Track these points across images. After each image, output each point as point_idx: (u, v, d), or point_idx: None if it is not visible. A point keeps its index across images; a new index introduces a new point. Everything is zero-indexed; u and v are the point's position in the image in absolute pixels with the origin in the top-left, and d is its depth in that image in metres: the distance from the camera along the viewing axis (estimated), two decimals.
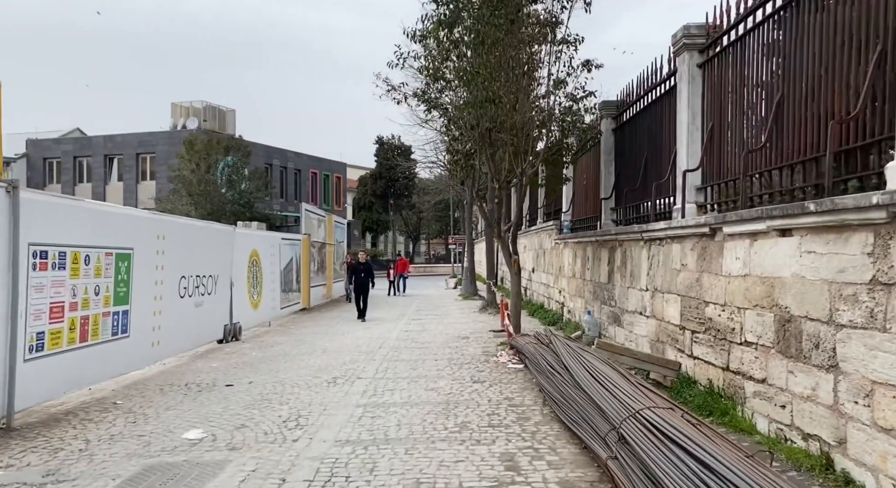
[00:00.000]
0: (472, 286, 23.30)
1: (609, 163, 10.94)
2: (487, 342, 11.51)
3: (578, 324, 11.99)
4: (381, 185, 58.67)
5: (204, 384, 7.98)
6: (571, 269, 12.94)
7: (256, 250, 13.72)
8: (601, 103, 10.91)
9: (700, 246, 6.50)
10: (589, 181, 12.39)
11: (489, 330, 13.19)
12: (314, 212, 20.81)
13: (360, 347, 11.13)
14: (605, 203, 10.85)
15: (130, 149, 42.31)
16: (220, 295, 11.42)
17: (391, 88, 10.98)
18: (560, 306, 14.13)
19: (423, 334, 12.87)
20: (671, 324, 7.28)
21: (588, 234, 11.44)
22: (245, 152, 32.92)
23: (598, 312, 10.62)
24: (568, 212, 14.24)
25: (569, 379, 5.95)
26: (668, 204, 8.07)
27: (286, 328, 14.45)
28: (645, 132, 9.19)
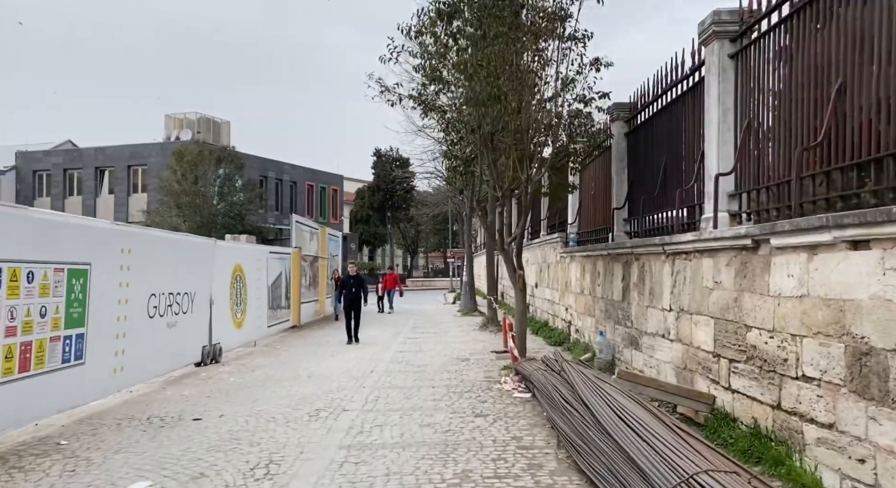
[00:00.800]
0: (472, 301, 22.36)
1: (621, 170, 10.06)
2: (489, 365, 10.56)
3: (588, 345, 11.05)
4: (379, 198, 57.85)
5: (169, 417, 7.02)
6: (579, 285, 12.02)
7: (240, 265, 12.80)
8: (612, 105, 10.06)
9: (739, 261, 5.59)
10: (598, 190, 11.51)
11: (491, 350, 12.24)
12: (305, 224, 19.91)
13: (349, 371, 10.17)
14: (618, 213, 9.96)
15: (122, 161, 41.46)
16: (198, 314, 10.48)
17: (385, 89, 10.13)
18: (566, 325, 13.19)
19: (419, 355, 11.91)
20: (702, 351, 6.35)
21: (598, 248, 10.54)
22: (237, 163, 32.03)
23: (611, 333, 9.69)
24: (574, 223, 13.36)
25: (590, 420, 5.01)
26: (694, 213, 7.18)
27: (272, 348, 13.48)
28: (664, 135, 8.33)
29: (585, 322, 11.52)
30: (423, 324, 18.75)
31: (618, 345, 9.36)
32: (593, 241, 11.61)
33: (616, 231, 9.94)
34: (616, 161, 10.13)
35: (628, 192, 9.85)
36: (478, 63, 7.78)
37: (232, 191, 31.29)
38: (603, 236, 11.01)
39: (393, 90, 10.16)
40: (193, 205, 28.70)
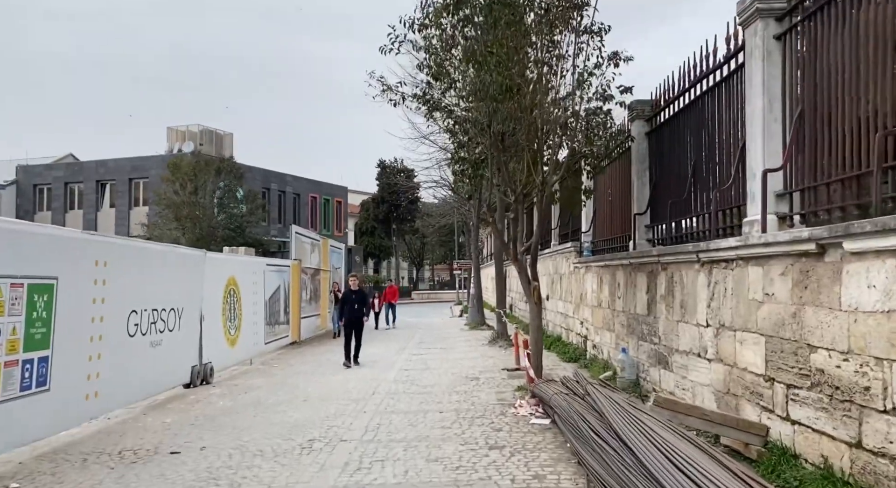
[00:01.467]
0: (480, 315, 21.54)
1: (642, 172, 9.29)
2: (501, 385, 9.74)
3: (608, 362, 10.22)
4: (384, 210, 57.20)
5: (143, 451, 6.23)
6: (596, 297, 11.21)
7: (234, 278, 12.04)
8: (632, 103, 9.31)
9: (798, 269, 4.79)
10: (615, 196, 10.73)
11: (502, 368, 11.42)
12: (306, 236, 19.18)
13: (349, 393, 9.37)
14: (639, 219, 9.18)
15: (123, 174, 40.98)
16: (186, 331, 9.71)
17: (387, 88, 9.39)
18: (582, 340, 12.36)
19: (425, 374, 11.10)
20: (750, 373, 5.53)
21: (618, 257, 9.74)
22: (237, 174, 31.39)
23: (634, 350, 8.87)
24: (588, 231, 12.57)
25: (630, 460, 4.20)
26: (730, 217, 6.40)
27: (269, 367, 12.69)
28: (693, 132, 7.56)
29: (604, 337, 10.69)
30: (430, 339, 17.94)
31: (642, 363, 8.53)
32: (611, 250, 10.82)
33: (637, 239, 9.15)
34: (636, 163, 9.37)
35: (651, 197, 9.08)
36: (487, 50, 7.04)
37: (232, 202, 30.61)
38: (621, 245, 10.23)
39: (395, 89, 9.42)
40: (192, 218, 28.02)
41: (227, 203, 30.28)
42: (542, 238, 15.47)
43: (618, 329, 9.81)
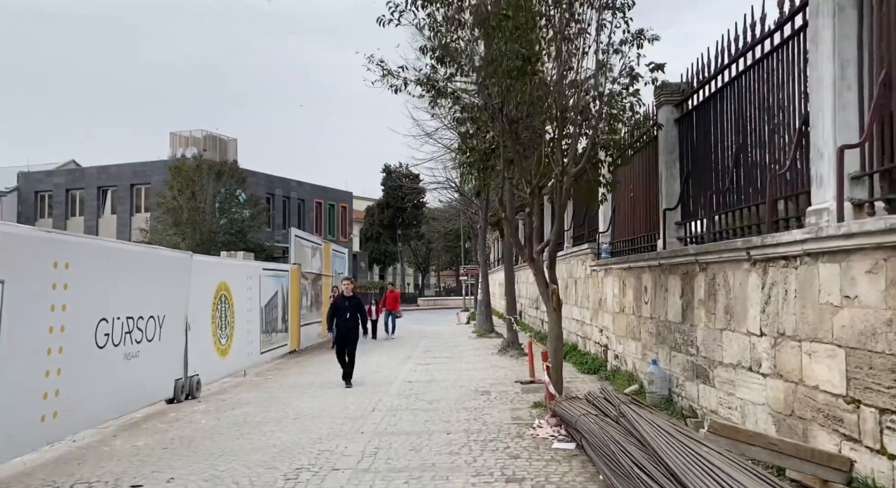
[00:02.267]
0: (488, 322, 20.59)
1: (671, 164, 8.36)
2: (516, 400, 8.79)
3: (633, 375, 9.25)
4: (389, 215, 56.42)
5: (99, 484, 5.32)
6: (618, 303, 10.25)
7: (226, 283, 11.16)
8: (659, 87, 8.39)
9: (893, 266, 3.85)
10: (638, 190, 9.81)
11: (515, 380, 10.46)
12: (307, 240, 18.31)
13: (346, 409, 8.45)
14: (669, 215, 8.23)
15: (125, 180, 40.36)
16: (169, 341, 8.83)
17: (387, 72, 8.51)
18: (601, 349, 11.39)
19: (430, 387, 10.16)
20: (824, 393, 4.58)
21: (644, 258, 8.80)
22: (238, 178, 30.58)
23: (665, 361, 7.91)
24: (607, 231, 11.64)
25: None
26: (786, 207, 5.46)
27: (263, 379, 11.78)
28: (735, 113, 6.63)
29: (627, 346, 9.72)
30: (436, 348, 16.99)
31: (676, 376, 7.56)
32: (633, 251, 9.89)
33: (668, 237, 8.20)
34: (665, 153, 8.43)
35: (682, 190, 8.15)
36: (503, 12, 6.13)
37: (234, 206, 29.80)
38: (647, 244, 9.29)
39: (397, 74, 8.54)
40: (193, 222, 27.21)
41: (229, 207, 29.45)
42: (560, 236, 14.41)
43: (644, 337, 8.86)
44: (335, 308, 11.05)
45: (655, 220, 8.95)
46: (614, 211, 11.34)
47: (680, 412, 7.26)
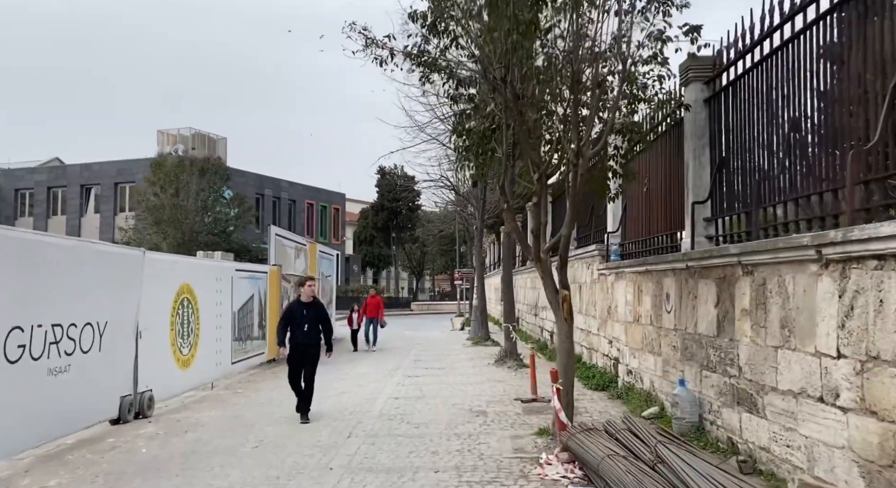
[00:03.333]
0: (484, 329, 19.34)
1: (700, 150, 7.17)
2: (516, 423, 7.55)
3: (652, 394, 8.03)
4: (383, 217, 55.16)
5: None
6: (632, 311, 9.04)
7: (189, 285, 9.90)
8: (686, 61, 7.22)
9: None
10: (656, 184, 8.62)
11: (515, 398, 9.24)
12: (289, 239, 17.06)
13: (318, 434, 7.19)
14: (698, 210, 7.04)
15: (108, 178, 38.97)
16: (113, 352, 7.57)
17: (371, 42, 7.30)
18: (611, 363, 10.16)
19: (419, 405, 8.91)
20: None
21: (665, 260, 7.59)
22: (223, 175, 29.25)
23: (694, 382, 6.68)
24: (617, 231, 10.45)
25: None
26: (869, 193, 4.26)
27: (232, 393, 10.50)
28: (788, 84, 5.43)
29: (644, 361, 8.50)
30: (427, 357, 15.74)
31: (709, 401, 6.34)
32: (649, 252, 8.69)
33: (696, 235, 7.00)
34: (692, 138, 7.23)
35: (714, 181, 6.95)
36: None
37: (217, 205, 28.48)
38: (668, 245, 8.10)
39: (382, 44, 7.33)
40: (174, 221, 25.86)
41: (213, 206, 28.12)
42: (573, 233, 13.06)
43: (666, 352, 7.63)
44: (289, 317, 8.39)
45: (678, 217, 7.77)
46: (625, 208, 10.15)
47: (715, 444, 6.04)
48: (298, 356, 8.17)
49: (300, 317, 8.21)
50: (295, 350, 8.20)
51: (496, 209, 27.15)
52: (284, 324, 8.35)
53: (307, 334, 8.17)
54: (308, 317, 8.20)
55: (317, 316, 8.29)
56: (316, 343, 8.26)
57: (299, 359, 8.16)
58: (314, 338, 8.24)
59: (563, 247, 6.27)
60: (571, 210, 6.11)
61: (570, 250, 13.43)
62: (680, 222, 7.74)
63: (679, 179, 7.75)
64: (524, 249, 6.62)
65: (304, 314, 8.22)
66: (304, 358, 8.16)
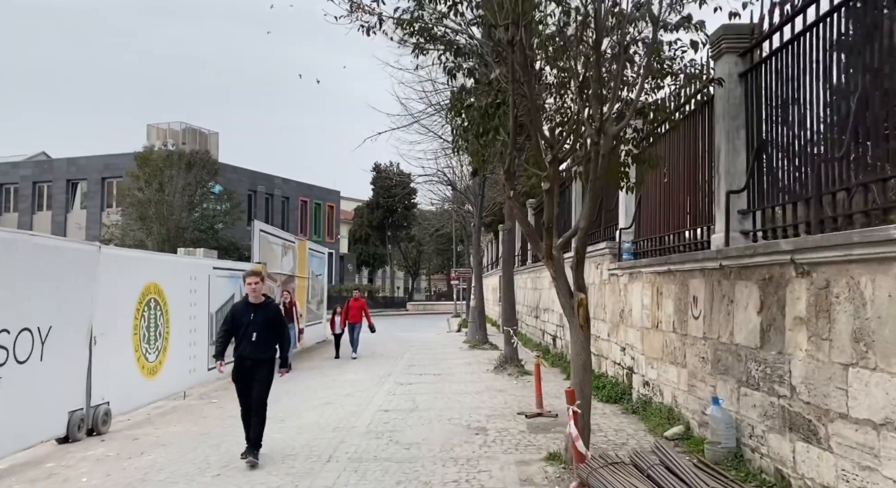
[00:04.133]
0: (482, 331, 18.40)
1: (735, 132, 6.23)
2: (521, 444, 6.60)
3: (672, 410, 7.09)
4: (379, 216, 54.13)
5: None
6: (650, 316, 8.10)
7: (158, 284, 8.93)
8: (718, 30, 6.29)
9: None
10: (678, 173, 7.69)
11: (518, 412, 8.30)
12: (275, 235, 16.07)
13: (293, 456, 6.24)
14: (732, 201, 6.10)
15: (95, 173, 37.87)
16: (59, 361, 6.60)
17: (356, 6, 6.36)
18: (624, 373, 9.23)
19: (411, 420, 7.96)
20: None
21: (693, 257, 6.65)
22: (210, 169, 28.20)
23: (731, 400, 5.74)
24: (630, 228, 9.51)
25: None
26: None
27: (206, 403, 9.54)
28: (852, 46, 4.50)
29: (664, 372, 7.56)
30: (421, 361, 14.79)
31: (750, 423, 5.40)
32: (668, 250, 7.77)
33: (731, 230, 6.06)
34: (725, 119, 6.29)
35: (752, 167, 6.01)
36: None
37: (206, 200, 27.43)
38: (687, 242, 7.17)
39: (370, 9, 6.38)
40: (159, 217, 24.80)
41: (200, 201, 27.08)
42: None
43: (692, 363, 6.69)
44: (233, 320, 6.51)
45: (706, 210, 6.85)
46: (640, 201, 9.22)
47: (758, 475, 5.11)
48: (244, 374, 6.37)
49: (246, 323, 6.35)
50: (239, 366, 6.41)
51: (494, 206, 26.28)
52: (225, 332, 6.55)
53: (255, 345, 6.31)
54: (256, 322, 6.33)
55: (268, 321, 6.41)
56: (267, 356, 6.42)
57: (245, 377, 6.37)
58: (264, 350, 6.39)
59: (580, 243, 5.32)
60: (590, 198, 5.15)
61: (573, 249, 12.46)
62: (707, 216, 6.81)
63: (707, 167, 6.83)
64: (533, 245, 5.67)
65: (251, 318, 6.36)
66: (251, 376, 6.34)
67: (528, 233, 5.70)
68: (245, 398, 6.38)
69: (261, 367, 6.36)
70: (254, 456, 5.99)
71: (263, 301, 6.53)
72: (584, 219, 5.19)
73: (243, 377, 6.39)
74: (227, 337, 6.56)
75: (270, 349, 6.46)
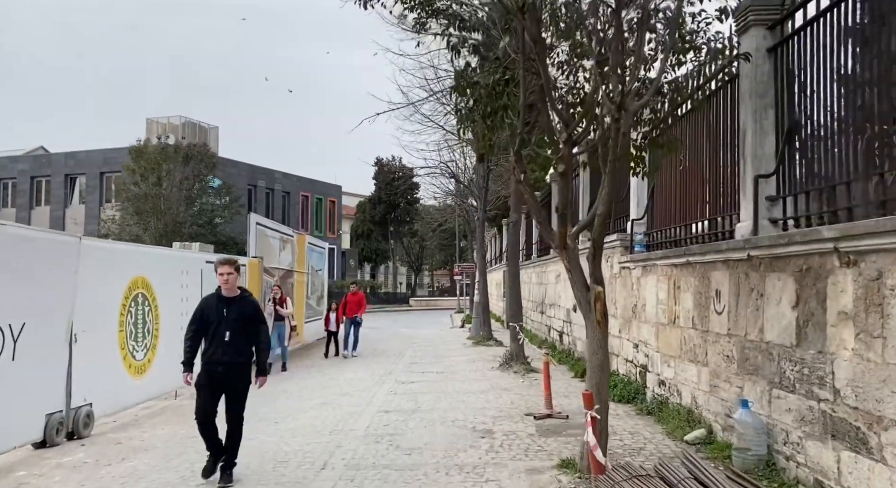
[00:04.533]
0: (486, 327, 17.94)
1: (763, 111, 5.74)
2: (531, 450, 6.13)
3: (692, 412, 6.61)
4: (381, 210, 53.63)
5: None
6: (666, 311, 7.62)
7: (146, 279, 8.48)
8: (743, 2, 5.80)
9: None
10: (696, 158, 7.21)
11: (526, 413, 7.84)
12: (272, 228, 15.60)
13: (284, 462, 5.79)
14: (761, 187, 5.61)
15: (94, 167, 37.43)
16: (34, 360, 6.15)
17: None
18: (637, 371, 8.75)
19: (412, 422, 7.51)
20: None
21: (717, 248, 6.17)
22: (208, 163, 27.71)
23: (759, 403, 5.27)
24: (642, 218, 9.03)
25: None
26: None
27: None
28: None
29: (683, 371, 7.09)
30: (424, 358, 14.34)
31: (784, 429, 4.92)
32: (684, 241, 7.29)
33: (760, 219, 5.57)
34: (752, 98, 5.80)
35: (782, 150, 5.52)
36: None
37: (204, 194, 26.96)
38: (712, 231, 6.69)
39: None
40: (156, 211, 24.34)
41: (199, 195, 26.61)
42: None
43: (715, 362, 6.22)
44: (201, 319, 5.43)
45: (728, 197, 6.38)
46: (653, 191, 8.74)
47: (794, 486, 4.64)
48: (215, 382, 5.24)
49: (217, 320, 5.27)
50: (209, 373, 5.25)
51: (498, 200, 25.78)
52: (195, 332, 5.41)
53: (229, 347, 5.22)
54: (230, 319, 5.27)
55: (245, 317, 5.34)
56: (242, 361, 5.34)
57: (215, 386, 5.25)
58: (240, 353, 5.30)
59: (598, 231, 4.83)
60: (609, 182, 4.66)
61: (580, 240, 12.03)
62: (730, 203, 6.34)
63: (730, 151, 6.35)
64: (545, 234, 5.17)
65: (223, 315, 5.28)
66: (222, 385, 5.26)
67: (540, 220, 5.22)
68: (210, 411, 5.27)
69: (236, 374, 5.29)
70: (227, 480, 5.17)
71: (239, 294, 5.49)
72: (603, 204, 4.70)
73: (213, 385, 5.26)
74: (196, 338, 5.43)
75: (247, 351, 5.40)
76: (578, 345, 12.50)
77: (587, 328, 5.04)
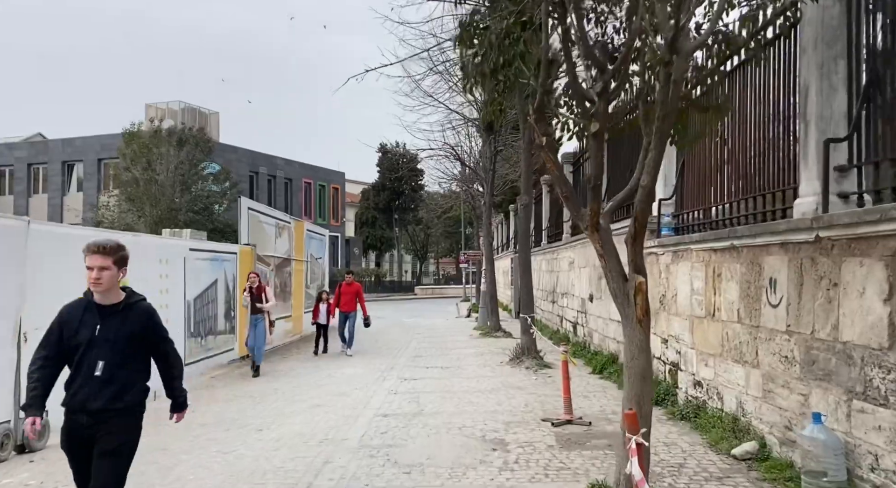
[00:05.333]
0: (494, 317, 17.01)
1: (832, 63, 4.75)
2: (551, 465, 5.22)
3: (739, 420, 5.67)
4: (385, 197, 52.63)
5: None
6: (702, 303, 6.67)
7: None
8: None
9: None
10: (741, 126, 6.22)
11: (542, 418, 6.92)
12: (267, 214, 14.68)
13: (261, 483, 4.90)
14: (833, 153, 4.63)
15: (92, 154, 36.56)
16: None
17: None
18: (667, 369, 7.81)
19: (413, 428, 6.61)
20: None
21: (773, 229, 5.20)
22: (204, 147, 26.75)
23: (834, 417, 4.33)
24: (670, 199, 8.06)
25: None
26: None
27: None
28: None
29: (725, 372, 6.14)
30: (428, 352, 13.45)
31: (872, 451, 3.98)
32: (723, 224, 6.32)
33: (831, 195, 4.59)
34: (818, 47, 4.81)
35: (858, 109, 4.54)
36: None
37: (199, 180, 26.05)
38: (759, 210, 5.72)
39: None
40: (150, 197, 23.45)
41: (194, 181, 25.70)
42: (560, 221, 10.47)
43: (770, 363, 5.27)
44: (59, 341, 3.37)
45: (783, 169, 5.40)
46: (682, 167, 7.77)
47: None
48: (80, 442, 3.34)
49: (84, 341, 3.33)
50: (73, 426, 3.35)
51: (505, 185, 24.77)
52: (44, 361, 3.36)
53: (102, 386, 3.32)
54: (106, 340, 3.35)
55: (131, 337, 3.41)
56: (122, 406, 3.36)
57: (83, 447, 3.35)
58: (120, 394, 3.36)
59: (641, 207, 3.87)
60: (657, 144, 3.68)
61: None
62: (786, 176, 5.37)
63: (786, 113, 5.37)
64: (573, 211, 4.21)
65: (94, 334, 3.33)
66: (93, 445, 3.33)
67: (566, 194, 4.24)
68: (83, 479, 3.38)
69: (112, 427, 3.33)
70: None
71: (122, 300, 3.44)
72: (649, 173, 3.72)
73: (80, 445, 3.35)
74: (47, 368, 3.37)
75: (131, 389, 3.42)
76: (595, 337, 11.57)
77: (624, 326, 4.10)
